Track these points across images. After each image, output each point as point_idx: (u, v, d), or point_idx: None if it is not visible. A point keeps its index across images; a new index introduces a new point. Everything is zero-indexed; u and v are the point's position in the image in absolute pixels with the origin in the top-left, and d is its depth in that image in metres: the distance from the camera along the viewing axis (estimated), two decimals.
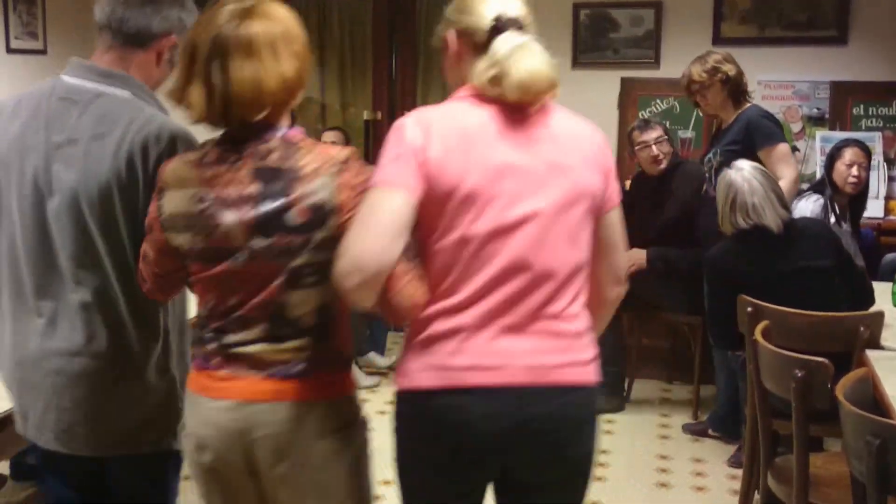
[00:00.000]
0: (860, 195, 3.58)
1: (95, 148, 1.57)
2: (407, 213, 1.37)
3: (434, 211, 1.39)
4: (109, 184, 1.55)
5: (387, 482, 3.14)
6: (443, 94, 4.90)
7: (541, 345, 1.43)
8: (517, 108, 1.43)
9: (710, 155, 3.42)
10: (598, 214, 1.50)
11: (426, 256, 1.42)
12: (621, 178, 4.34)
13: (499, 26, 1.44)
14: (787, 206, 2.79)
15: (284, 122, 1.49)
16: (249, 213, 1.41)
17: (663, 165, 3.69)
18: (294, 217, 1.40)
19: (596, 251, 1.51)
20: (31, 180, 1.60)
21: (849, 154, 3.49)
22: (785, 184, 3.07)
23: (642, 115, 4.28)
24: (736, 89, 3.35)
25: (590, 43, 4.47)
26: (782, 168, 3.24)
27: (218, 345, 1.47)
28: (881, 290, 2.97)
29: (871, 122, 4.22)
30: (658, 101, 4.38)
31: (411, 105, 4.83)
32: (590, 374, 1.48)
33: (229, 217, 1.41)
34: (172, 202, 1.45)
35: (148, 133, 1.55)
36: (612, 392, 3.77)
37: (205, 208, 1.42)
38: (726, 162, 3.04)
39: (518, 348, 1.41)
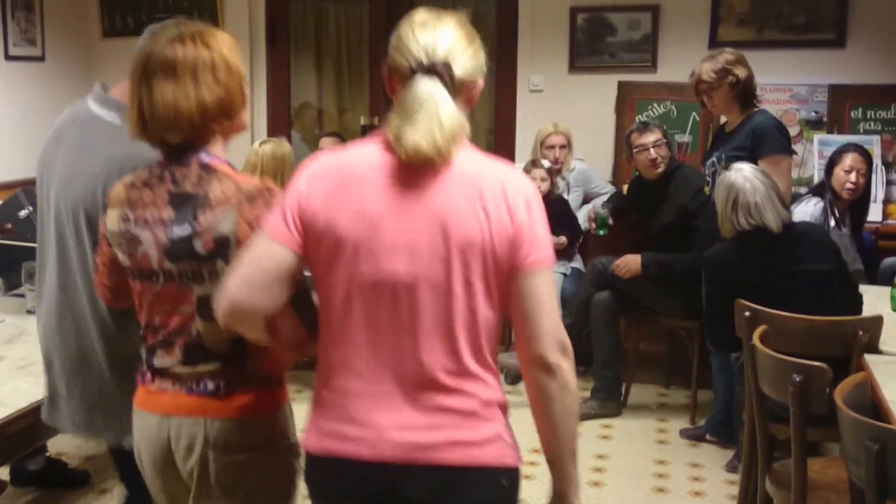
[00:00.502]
0: (861, 200, 3.58)
1: (78, 163, 1.70)
2: (283, 264, 1.33)
3: (315, 257, 1.34)
4: (83, 198, 1.71)
5: None
6: None
7: (423, 418, 1.33)
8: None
9: (714, 159, 3.33)
10: (507, 275, 1.32)
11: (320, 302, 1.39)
12: (619, 181, 4.37)
13: (414, 70, 1.33)
14: (787, 207, 2.80)
15: (215, 148, 1.52)
16: (162, 236, 1.47)
17: (661, 169, 3.69)
18: (200, 246, 1.45)
19: (518, 317, 1.35)
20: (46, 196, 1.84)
21: (849, 160, 3.49)
22: None
23: (639, 118, 4.27)
24: (745, 93, 3.25)
25: (587, 47, 4.48)
26: (777, 181, 3.16)
27: (149, 361, 1.54)
28: (879, 293, 2.98)
29: (870, 125, 4.22)
30: (655, 104, 4.39)
31: None
32: (478, 454, 1.36)
33: (146, 238, 1.48)
34: (110, 220, 1.53)
35: (124, 158, 1.63)
36: (610, 397, 3.77)
37: (128, 228, 1.50)
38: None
39: (396, 420, 1.33)
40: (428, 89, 1.31)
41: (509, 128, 4.68)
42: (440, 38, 1.36)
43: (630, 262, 3.65)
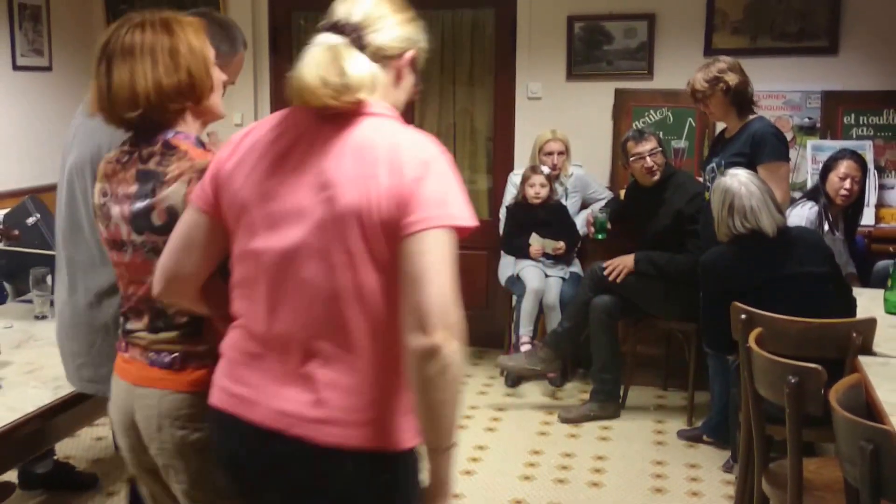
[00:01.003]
0: (855, 205, 3.62)
1: (88, 135, 1.87)
2: (198, 229, 1.37)
3: (227, 221, 1.36)
4: (80, 167, 1.87)
5: None
6: (439, 108, 4.96)
7: (303, 393, 1.28)
8: (323, 117, 1.29)
9: (713, 165, 3.34)
10: (389, 241, 1.23)
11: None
12: (616, 187, 4.43)
13: (321, 28, 1.31)
14: (781, 212, 2.83)
15: (186, 128, 1.60)
16: (126, 210, 1.57)
17: (657, 177, 3.73)
18: (156, 218, 1.53)
19: (401, 287, 1.23)
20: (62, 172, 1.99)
21: (843, 167, 3.52)
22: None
23: (636, 125, 4.30)
24: (739, 99, 3.27)
25: (584, 55, 4.50)
26: (774, 188, 3.18)
27: (123, 330, 1.64)
28: (873, 296, 3.01)
29: (862, 130, 4.25)
30: (652, 111, 4.41)
31: (409, 119, 4.85)
32: (344, 435, 1.26)
33: (115, 211, 1.59)
34: (95, 194, 1.65)
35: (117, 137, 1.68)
36: (608, 399, 3.81)
37: (105, 202, 1.61)
38: None
39: (275, 392, 1.30)
40: (327, 40, 1.28)
41: (508, 134, 4.70)
42: (357, 5, 1.33)
43: (624, 261, 3.70)
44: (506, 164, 4.66)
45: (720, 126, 3.55)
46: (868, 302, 2.93)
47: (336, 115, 1.28)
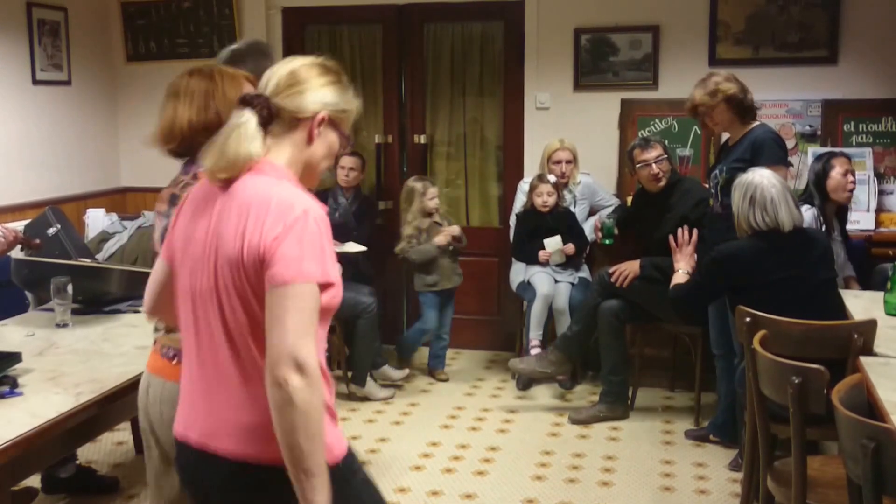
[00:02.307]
0: (844, 206, 3.67)
1: None
2: (162, 272, 1.64)
3: (174, 268, 1.59)
4: None
5: (402, 489, 3.28)
6: (450, 118, 5.04)
7: (220, 411, 1.46)
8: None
9: (717, 171, 3.37)
10: (257, 286, 1.40)
11: None
12: (623, 194, 4.50)
13: (240, 101, 1.52)
14: (800, 211, 2.85)
15: None
16: (159, 226, 1.83)
17: (662, 183, 3.79)
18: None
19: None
20: None
21: (840, 164, 3.57)
22: None
23: (642, 134, 4.34)
24: (741, 107, 3.30)
25: (591, 66, 4.56)
26: None
27: (154, 328, 1.91)
28: (874, 298, 3.05)
29: (862, 137, 4.30)
30: (657, 120, 4.47)
31: (420, 128, 4.95)
32: (245, 448, 1.43)
33: (158, 227, 1.84)
34: None
35: None
36: (617, 400, 3.87)
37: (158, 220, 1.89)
38: (732, 179, 3.08)
39: (203, 410, 1.49)
40: (236, 119, 1.48)
41: (517, 144, 4.76)
42: (274, 76, 1.52)
43: (629, 266, 3.76)
44: (515, 173, 4.73)
45: (725, 135, 3.60)
46: (869, 304, 2.98)
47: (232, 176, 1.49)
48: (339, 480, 1.44)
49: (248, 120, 1.48)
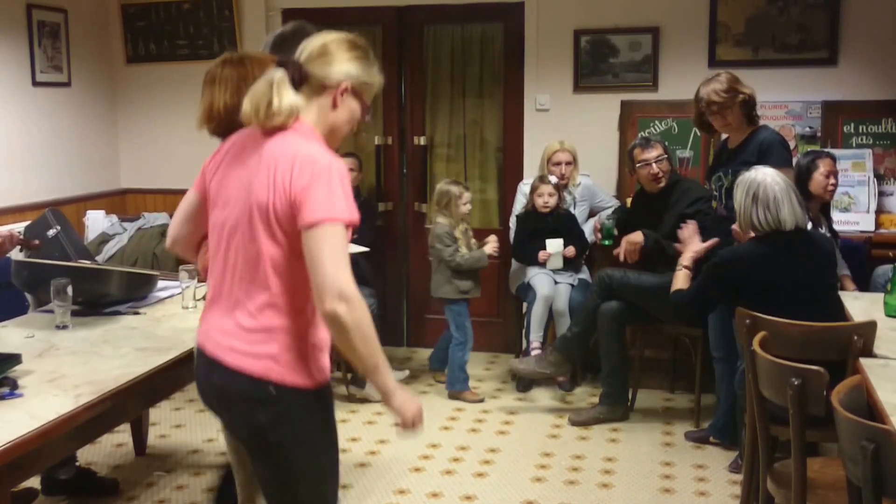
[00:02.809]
0: (826, 203, 3.70)
1: None
2: (192, 203, 1.90)
3: (208, 203, 1.83)
4: None
5: (401, 491, 3.28)
6: (449, 119, 5.04)
7: (229, 327, 1.72)
8: (263, 131, 1.72)
9: (721, 174, 3.33)
10: (287, 229, 1.64)
11: None
12: (622, 196, 4.50)
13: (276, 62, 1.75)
14: (804, 210, 2.83)
15: None
16: None
17: (662, 183, 3.80)
18: None
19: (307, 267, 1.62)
20: None
21: (824, 165, 3.60)
22: None
23: (642, 135, 4.34)
24: (752, 110, 3.31)
25: (591, 67, 4.58)
26: None
27: None
28: (874, 300, 3.05)
29: (862, 139, 4.31)
30: (657, 122, 4.48)
31: (420, 130, 4.96)
32: (249, 364, 1.69)
33: None
34: None
35: None
36: (617, 402, 3.87)
37: None
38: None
39: (217, 324, 1.75)
40: (271, 75, 1.70)
41: (517, 145, 4.77)
42: (308, 45, 1.75)
43: (633, 238, 3.77)
44: (515, 174, 4.74)
45: (723, 136, 3.59)
46: (869, 305, 2.98)
47: (271, 130, 1.71)
48: (323, 398, 1.75)
49: (282, 77, 1.69)
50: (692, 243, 3.38)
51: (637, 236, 3.79)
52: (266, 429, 1.70)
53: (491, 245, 4.14)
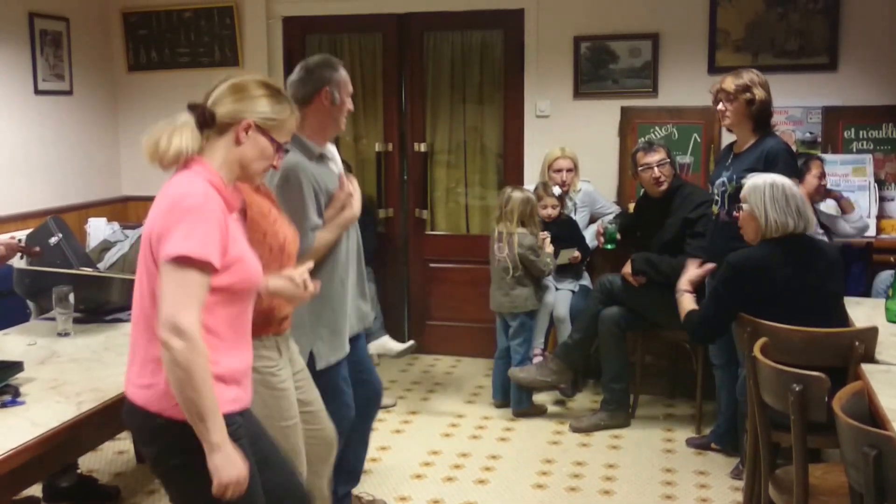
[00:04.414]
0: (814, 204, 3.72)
1: None
2: None
3: None
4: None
5: (402, 498, 3.27)
6: (450, 126, 5.06)
7: (131, 365, 1.78)
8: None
9: (724, 179, 3.26)
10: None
11: None
12: (623, 202, 4.50)
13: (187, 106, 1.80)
14: (813, 216, 2.81)
15: None
16: None
17: (664, 187, 3.80)
18: None
19: None
20: None
21: (816, 167, 3.64)
22: None
23: (642, 140, 4.34)
24: (760, 115, 3.22)
25: (590, 74, 4.59)
26: None
27: None
28: (875, 305, 3.07)
29: (862, 144, 4.32)
30: (657, 128, 4.48)
31: (420, 137, 4.97)
32: (134, 392, 1.74)
33: None
34: None
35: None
36: (618, 408, 3.87)
37: None
38: (739, 195, 2.99)
39: (129, 363, 1.80)
40: (172, 120, 1.76)
41: (517, 152, 4.78)
42: (217, 87, 1.83)
43: (625, 269, 3.79)
44: (515, 181, 4.72)
45: (727, 139, 3.58)
46: (870, 311, 2.98)
47: (171, 169, 1.77)
48: (228, 430, 1.70)
49: (186, 122, 1.75)
50: (689, 268, 3.34)
51: (626, 266, 3.79)
52: (157, 460, 1.75)
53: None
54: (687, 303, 3.10)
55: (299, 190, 2.43)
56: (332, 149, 2.68)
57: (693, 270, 3.32)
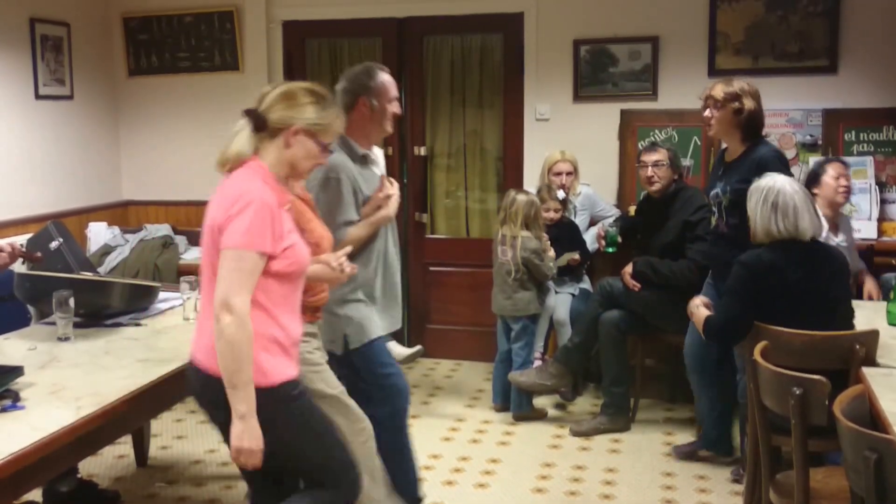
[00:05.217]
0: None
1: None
2: None
3: None
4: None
5: None
6: (449, 130, 5.06)
7: (201, 330, 2.05)
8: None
9: (718, 190, 3.23)
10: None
11: None
12: (623, 205, 4.50)
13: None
14: (820, 220, 2.78)
15: None
16: None
17: (655, 187, 3.80)
18: None
19: None
20: None
21: (832, 168, 3.57)
22: None
23: (641, 144, 4.33)
24: (748, 124, 3.15)
25: (590, 77, 4.59)
26: None
27: None
28: (877, 308, 3.06)
29: (863, 147, 4.32)
30: (657, 131, 4.48)
31: (420, 140, 4.98)
32: (206, 361, 1.99)
33: None
34: None
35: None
36: (619, 412, 3.86)
37: None
38: (736, 201, 3.03)
39: (198, 329, 2.08)
40: (235, 127, 2.04)
41: (517, 155, 4.78)
42: (267, 96, 2.06)
43: (626, 269, 3.78)
44: (515, 184, 4.71)
45: (722, 145, 3.57)
46: (872, 314, 2.97)
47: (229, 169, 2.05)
48: (274, 401, 1.96)
49: (242, 127, 2.03)
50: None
51: (628, 268, 3.80)
52: (213, 418, 2.04)
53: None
54: (703, 312, 2.96)
55: (337, 186, 2.65)
56: (377, 152, 2.98)
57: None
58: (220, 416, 1.98)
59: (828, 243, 3.09)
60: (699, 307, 2.98)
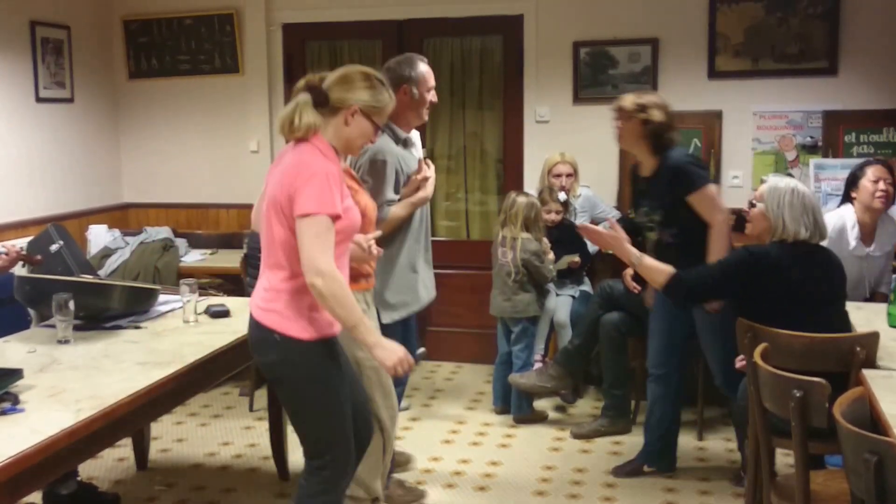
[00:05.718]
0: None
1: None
2: (261, 195, 2.32)
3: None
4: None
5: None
6: (449, 131, 5.06)
7: (257, 288, 2.27)
8: (291, 142, 2.24)
9: (646, 208, 3.20)
10: (289, 217, 2.12)
11: None
12: (623, 207, 4.49)
13: (303, 87, 2.23)
14: (827, 229, 2.77)
15: None
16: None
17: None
18: None
19: None
20: None
21: (871, 171, 3.39)
22: (715, 230, 3.02)
23: None
24: (655, 136, 3.10)
25: (590, 79, 4.60)
26: (711, 212, 3.04)
27: None
28: (877, 310, 3.04)
29: (863, 148, 4.32)
30: None
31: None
32: (259, 314, 2.22)
33: None
34: None
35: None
36: (619, 414, 3.86)
37: None
38: (672, 214, 3.03)
39: (256, 286, 2.29)
40: (296, 99, 2.20)
41: (517, 157, 4.79)
42: (331, 75, 2.26)
43: (626, 273, 3.72)
44: (515, 186, 4.73)
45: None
46: (872, 316, 2.97)
47: (295, 141, 2.22)
48: (312, 354, 2.20)
49: (306, 100, 2.18)
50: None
51: (629, 269, 3.66)
52: (273, 367, 2.25)
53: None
54: (654, 262, 2.86)
55: (383, 168, 2.92)
56: (416, 135, 3.19)
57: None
58: (266, 357, 2.23)
59: (827, 248, 3.07)
60: (643, 256, 2.87)
